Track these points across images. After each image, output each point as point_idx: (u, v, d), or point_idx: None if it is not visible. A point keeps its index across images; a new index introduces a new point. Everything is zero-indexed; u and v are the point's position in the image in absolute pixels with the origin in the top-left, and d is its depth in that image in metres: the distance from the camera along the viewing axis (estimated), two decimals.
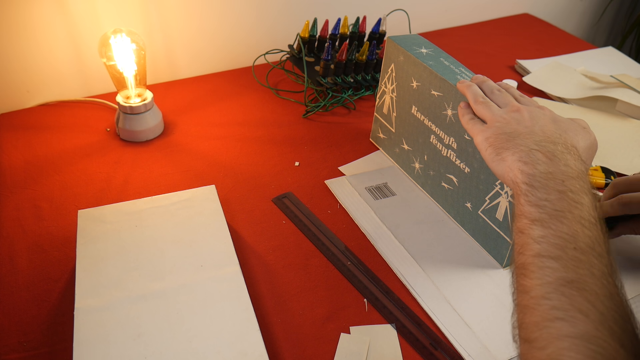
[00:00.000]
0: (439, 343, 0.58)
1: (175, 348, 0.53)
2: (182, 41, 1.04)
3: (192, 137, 0.90)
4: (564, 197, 0.45)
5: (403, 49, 0.74)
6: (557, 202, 0.45)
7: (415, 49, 0.74)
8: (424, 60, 0.71)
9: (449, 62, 0.71)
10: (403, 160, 0.81)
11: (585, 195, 0.46)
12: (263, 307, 0.61)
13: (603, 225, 0.45)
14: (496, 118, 0.56)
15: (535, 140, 0.51)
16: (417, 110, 0.75)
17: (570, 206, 0.44)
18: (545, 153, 0.49)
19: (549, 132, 0.52)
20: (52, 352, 0.56)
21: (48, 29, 0.91)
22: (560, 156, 0.48)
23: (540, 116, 0.55)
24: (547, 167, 0.47)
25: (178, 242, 0.64)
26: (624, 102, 0.96)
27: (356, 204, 0.75)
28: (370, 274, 0.65)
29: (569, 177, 0.46)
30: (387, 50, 0.78)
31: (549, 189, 0.46)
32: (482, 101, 0.59)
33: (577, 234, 0.43)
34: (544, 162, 0.48)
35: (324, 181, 0.80)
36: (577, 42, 1.28)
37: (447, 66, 0.70)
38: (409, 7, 1.14)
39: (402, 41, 0.76)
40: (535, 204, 0.46)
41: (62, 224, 0.71)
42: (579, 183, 0.46)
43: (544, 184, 0.46)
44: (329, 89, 0.96)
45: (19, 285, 0.63)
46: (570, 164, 0.48)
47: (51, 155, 0.84)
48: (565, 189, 0.45)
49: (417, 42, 0.76)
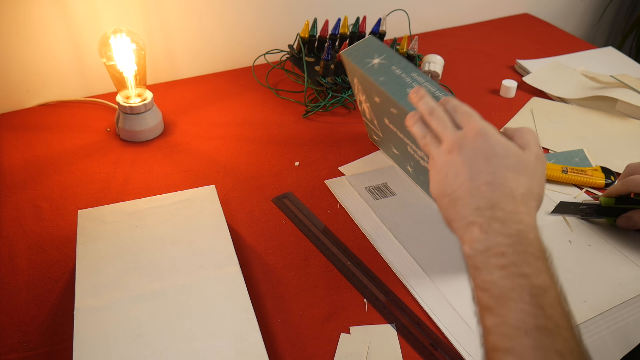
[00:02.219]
0: (439, 343, 0.58)
1: (175, 348, 0.52)
2: (182, 41, 1.04)
3: (192, 137, 0.90)
4: (506, 273, 0.43)
5: (355, 65, 0.71)
6: (500, 281, 0.43)
7: (367, 62, 0.71)
8: (376, 77, 0.68)
9: (400, 70, 0.68)
10: (399, 162, 0.81)
11: (528, 262, 0.43)
12: (263, 307, 0.61)
13: (552, 289, 0.42)
14: (438, 161, 0.52)
15: (472, 207, 0.47)
16: (389, 122, 0.73)
17: (514, 284, 0.42)
18: (481, 225, 0.46)
19: (484, 186, 0.48)
20: (52, 352, 0.56)
21: (48, 29, 0.91)
22: (495, 225, 0.45)
23: (476, 157, 0.49)
24: (485, 244, 0.45)
25: (178, 242, 0.64)
26: (624, 102, 0.96)
27: (356, 204, 0.75)
28: (370, 274, 0.65)
29: (507, 246, 0.44)
30: (345, 66, 0.76)
31: (490, 268, 0.44)
32: (432, 114, 0.55)
33: (526, 315, 0.41)
34: (481, 239, 0.46)
35: (324, 181, 0.80)
36: (577, 42, 1.28)
37: (398, 76, 0.67)
38: (409, 7, 1.14)
39: (354, 54, 0.72)
40: (482, 288, 0.44)
41: (62, 224, 0.71)
42: (518, 248, 0.44)
43: (485, 263, 0.45)
44: (329, 89, 0.96)
45: (19, 285, 0.63)
46: (508, 230, 0.45)
47: (51, 155, 0.84)
48: (507, 262, 0.43)
49: (370, 51, 0.72)
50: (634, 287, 0.64)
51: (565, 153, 0.87)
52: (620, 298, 0.63)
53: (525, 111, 0.98)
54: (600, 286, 0.64)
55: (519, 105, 1.00)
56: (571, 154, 0.86)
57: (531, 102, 1.01)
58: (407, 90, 0.65)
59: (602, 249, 0.70)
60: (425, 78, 0.66)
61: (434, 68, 1.04)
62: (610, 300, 0.62)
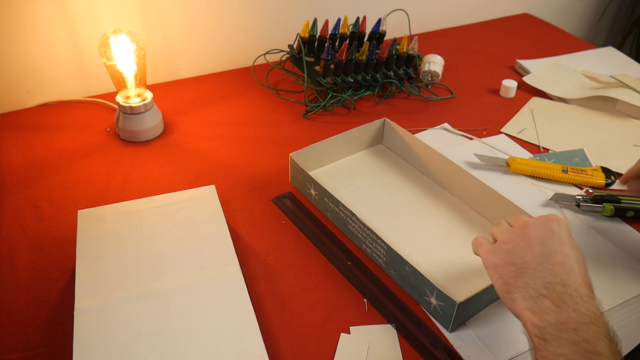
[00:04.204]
0: (438, 343, 0.58)
1: (175, 348, 0.53)
2: (182, 41, 1.04)
3: (192, 137, 0.90)
4: (578, 349, 0.43)
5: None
6: (572, 356, 0.43)
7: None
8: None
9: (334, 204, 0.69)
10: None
11: (602, 342, 0.43)
12: (263, 307, 0.61)
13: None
14: (504, 237, 0.54)
15: (544, 281, 0.48)
16: None
17: (586, 358, 0.42)
18: (553, 299, 0.46)
19: (557, 265, 0.49)
20: (52, 352, 0.56)
21: (48, 29, 0.91)
22: (569, 301, 0.46)
23: (549, 237, 0.52)
24: (557, 317, 0.45)
25: (178, 242, 0.64)
26: (624, 102, 0.96)
27: None
28: (370, 274, 0.65)
29: (580, 324, 0.44)
30: None
31: (562, 341, 0.44)
32: (496, 223, 0.58)
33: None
34: (553, 311, 0.46)
35: None
36: (577, 42, 1.28)
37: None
38: (409, 7, 1.14)
39: None
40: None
41: (62, 224, 0.71)
42: (593, 329, 0.44)
43: (556, 336, 0.44)
44: (329, 89, 0.96)
45: (19, 285, 0.63)
46: (580, 308, 0.45)
47: (51, 155, 0.84)
48: (579, 339, 0.43)
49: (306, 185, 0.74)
50: (633, 287, 0.64)
51: (565, 153, 0.87)
52: (620, 298, 0.63)
53: (525, 111, 0.98)
54: (599, 286, 0.64)
55: (519, 105, 1.00)
56: (571, 154, 0.86)
57: (531, 102, 1.01)
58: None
59: (601, 248, 0.70)
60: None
61: (434, 68, 1.04)
62: (610, 300, 0.62)
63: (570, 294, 0.46)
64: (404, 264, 0.60)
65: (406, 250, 0.68)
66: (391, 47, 0.97)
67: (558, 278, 0.48)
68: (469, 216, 0.73)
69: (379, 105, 0.99)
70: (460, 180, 0.75)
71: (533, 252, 0.51)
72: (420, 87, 1.03)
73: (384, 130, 0.86)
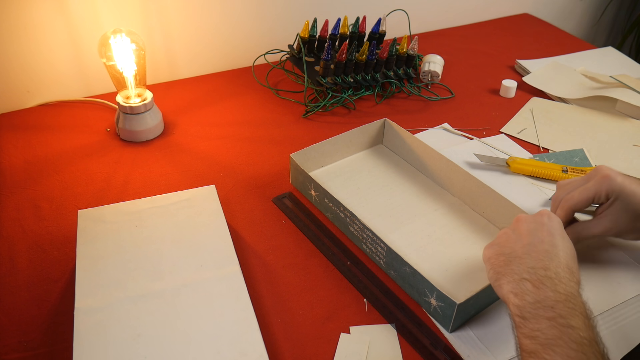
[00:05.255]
0: (439, 343, 0.58)
1: (175, 348, 0.53)
2: (182, 41, 1.04)
3: (192, 137, 0.90)
4: (553, 324, 0.46)
5: None
6: (547, 330, 0.46)
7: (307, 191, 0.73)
8: None
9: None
10: None
11: (576, 317, 0.47)
12: (263, 307, 0.61)
13: (596, 344, 0.45)
14: (500, 233, 0.58)
15: (528, 266, 0.52)
16: None
17: (561, 332, 0.46)
18: (534, 282, 0.50)
19: (542, 253, 0.53)
20: (52, 352, 0.56)
21: (48, 29, 0.91)
22: (547, 282, 0.50)
23: (539, 229, 0.56)
24: (535, 296, 0.49)
25: (178, 242, 0.64)
26: (624, 102, 0.96)
27: None
28: (370, 274, 0.65)
29: (557, 302, 0.48)
30: None
31: (539, 318, 0.47)
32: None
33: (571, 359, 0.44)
34: (532, 291, 0.50)
35: None
36: (577, 42, 1.28)
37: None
38: (409, 7, 1.14)
39: None
40: (528, 336, 0.47)
41: (62, 224, 0.71)
42: (568, 305, 0.47)
43: (534, 314, 0.48)
44: (329, 89, 0.96)
45: (19, 285, 0.63)
46: (558, 289, 0.49)
47: (51, 155, 0.84)
48: (555, 315, 0.47)
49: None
50: (633, 287, 0.64)
51: (565, 153, 0.87)
52: (620, 298, 0.63)
53: (525, 111, 0.98)
54: (599, 286, 0.64)
55: (519, 105, 1.00)
56: (571, 154, 0.86)
57: (531, 102, 1.01)
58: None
59: (601, 248, 0.70)
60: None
61: (434, 68, 1.04)
62: (610, 300, 0.62)
63: (550, 277, 0.50)
64: (404, 265, 0.60)
65: (406, 250, 0.68)
66: (391, 47, 0.97)
67: (541, 263, 0.52)
68: (469, 216, 0.73)
69: (379, 105, 0.99)
70: (460, 180, 0.75)
71: (522, 242, 0.55)
72: (420, 87, 1.03)
73: (384, 131, 0.86)
